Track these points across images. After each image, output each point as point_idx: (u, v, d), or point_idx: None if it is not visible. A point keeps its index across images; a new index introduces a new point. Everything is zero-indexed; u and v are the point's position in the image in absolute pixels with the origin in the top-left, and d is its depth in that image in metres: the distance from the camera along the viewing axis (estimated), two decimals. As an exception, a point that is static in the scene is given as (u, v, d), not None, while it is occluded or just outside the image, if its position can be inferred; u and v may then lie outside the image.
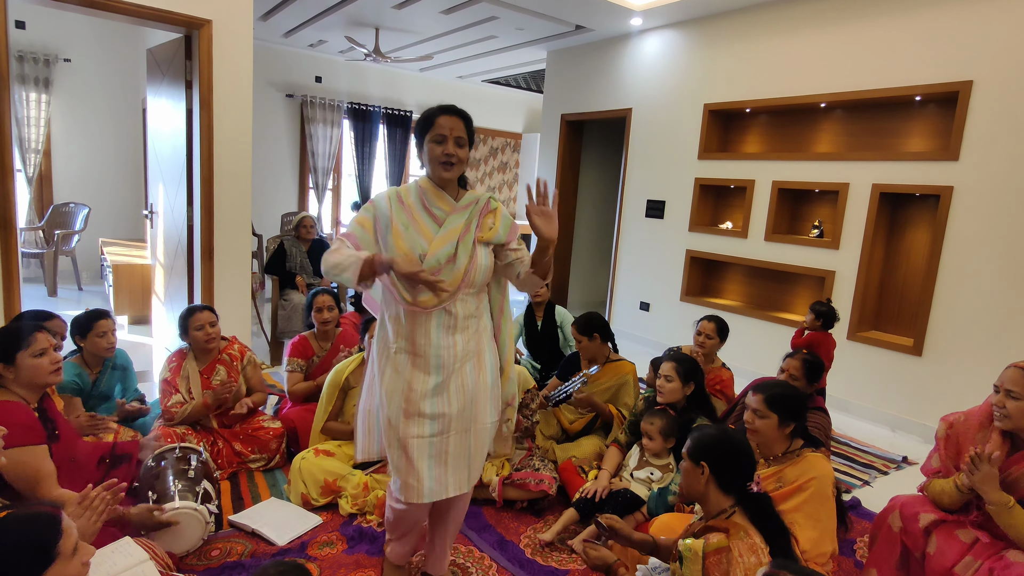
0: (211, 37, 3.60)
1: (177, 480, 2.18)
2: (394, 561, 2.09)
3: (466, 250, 1.79)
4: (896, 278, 4.21)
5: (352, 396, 2.82)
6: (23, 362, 1.91)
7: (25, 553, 1.14)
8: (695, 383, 2.60)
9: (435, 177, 1.82)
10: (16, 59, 6.12)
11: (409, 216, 1.80)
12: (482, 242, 1.83)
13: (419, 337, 1.80)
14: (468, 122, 1.82)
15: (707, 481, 1.66)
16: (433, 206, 1.82)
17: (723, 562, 1.54)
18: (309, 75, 7.73)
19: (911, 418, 3.95)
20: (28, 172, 6.34)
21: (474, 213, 1.83)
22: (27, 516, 1.18)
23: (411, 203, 1.82)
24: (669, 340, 5.25)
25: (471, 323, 1.85)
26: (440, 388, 1.81)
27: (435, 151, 1.77)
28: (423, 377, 1.81)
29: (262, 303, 5.37)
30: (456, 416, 1.84)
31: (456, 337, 1.82)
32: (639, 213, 5.74)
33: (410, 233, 1.78)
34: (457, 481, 1.88)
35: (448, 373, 1.82)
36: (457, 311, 1.81)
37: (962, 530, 1.86)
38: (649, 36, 5.56)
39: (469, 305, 1.83)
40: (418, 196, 1.83)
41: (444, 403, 1.82)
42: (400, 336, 1.82)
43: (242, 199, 3.90)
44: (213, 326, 2.84)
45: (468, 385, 1.85)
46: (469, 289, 1.82)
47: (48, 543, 1.16)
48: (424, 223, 1.80)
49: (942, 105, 3.90)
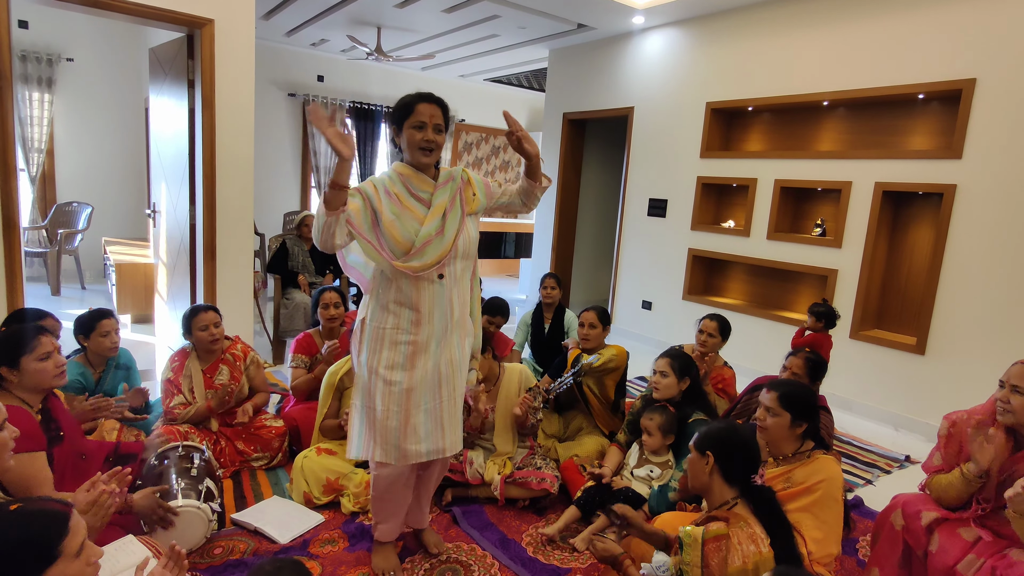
0: (213, 36, 3.61)
1: (180, 478, 2.18)
2: (383, 539, 2.18)
3: (454, 223, 1.92)
4: (899, 276, 4.20)
5: (348, 396, 2.81)
6: (28, 366, 1.92)
7: (27, 549, 1.12)
8: (690, 378, 2.61)
9: (414, 162, 1.94)
10: (19, 58, 6.14)
11: (398, 205, 1.90)
12: (469, 214, 1.97)
13: (423, 305, 1.91)
14: (445, 109, 1.94)
15: (711, 471, 1.70)
16: (418, 190, 1.94)
17: (721, 548, 1.57)
18: (311, 74, 7.74)
19: (914, 417, 3.94)
20: (31, 171, 6.36)
21: (454, 188, 1.96)
22: (36, 511, 1.16)
23: (397, 192, 1.92)
24: (671, 339, 5.25)
25: (463, 292, 2.00)
26: (439, 353, 1.96)
27: (415, 137, 1.88)
28: (423, 343, 1.93)
29: (264, 302, 5.39)
30: (445, 380, 1.99)
31: (453, 305, 1.96)
32: (641, 212, 5.74)
33: (403, 221, 1.89)
34: (452, 442, 2.04)
35: (447, 336, 1.96)
36: (451, 280, 1.94)
37: (965, 528, 1.86)
38: (651, 34, 5.55)
39: (461, 275, 1.98)
40: (402, 184, 1.93)
41: (441, 367, 1.97)
42: (403, 305, 1.92)
43: (244, 198, 3.91)
44: (217, 326, 2.85)
45: (455, 353, 2.01)
46: (463, 261, 1.97)
47: (52, 541, 1.14)
48: (414, 208, 1.92)
49: (945, 103, 3.89)
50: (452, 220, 1.91)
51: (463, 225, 1.93)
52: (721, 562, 1.56)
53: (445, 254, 1.88)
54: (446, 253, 1.88)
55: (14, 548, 1.10)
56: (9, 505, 1.15)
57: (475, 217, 2.01)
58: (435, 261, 1.87)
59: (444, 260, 1.89)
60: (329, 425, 2.81)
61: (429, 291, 1.91)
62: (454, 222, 1.91)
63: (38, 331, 2.00)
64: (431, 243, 1.87)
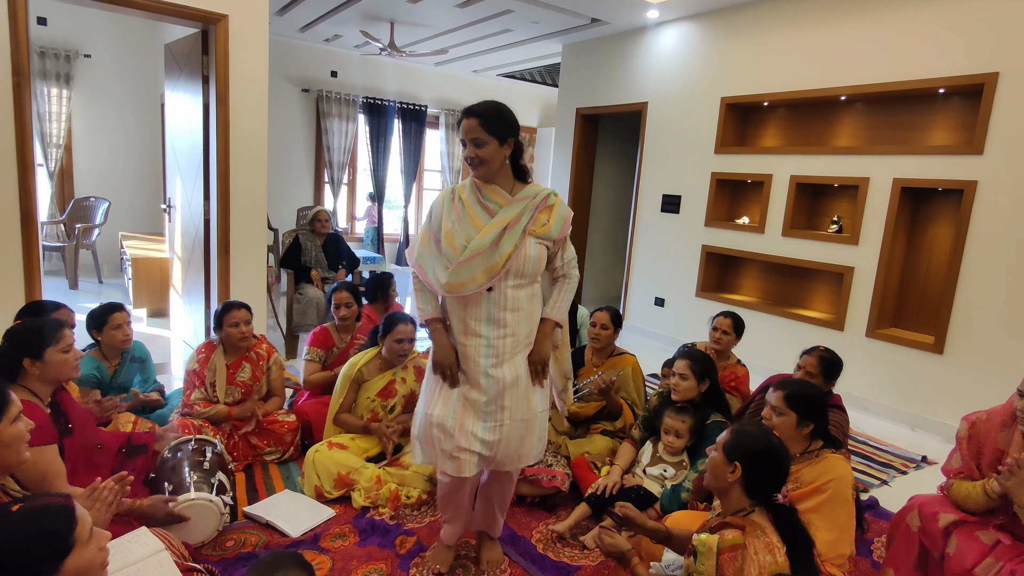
0: (228, 32, 3.62)
1: (193, 471, 2.20)
2: (445, 541, 2.17)
3: (512, 239, 1.85)
4: (917, 274, 4.13)
5: (365, 389, 2.83)
6: (51, 357, 1.94)
7: (44, 544, 1.14)
8: (710, 380, 2.58)
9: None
10: (38, 55, 6.21)
11: (462, 212, 1.91)
12: (534, 235, 1.89)
13: (470, 323, 1.90)
14: (484, 118, 1.84)
15: (735, 481, 1.63)
16: (487, 200, 1.91)
17: (737, 559, 1.52)
18: (325, 70, 7.76)
19: (931, 417, 3.88)
20: (49, 167, 6.44)
21: (528, 207, 1.89)
22: (40, 507, 1.19)
23: (466, 198, 1.92)
24: (684, 336, 5.21)
25: (520, 315, 1.92)
26: (493, 371, 1.90)
27: (464, 154, 1.89)
28: (476, 361, 1.90)
29: (277, 297, 5.42)
30: (508, 397, 1.92)
31: (505, 328, 1.90)
32: (655, 208, 5.70)
33: (462, 227, 1.89)
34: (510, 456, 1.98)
35: (500, 361, 1.90)
36: (503, 300, 1.88)
37: (983, 531, 1.82)
38: (665, 29, 5.50)
39: (518, 296, 1.90)
40: (472, 192, 1.93)
41: (501, 382, 1.90)
42: (455, 312, 1.94)
43: (258, 193, 3.93)
44: (248, 324, 2.89)
45: (519, 370, 1.94)
46: (517, 280, 1.89)
47: (64, 531, 1.16)
48: (477, 216, 1.90)
49: (966, 98, 3.81)
50: (510, 236, 1.84)
51: (522, 243, 1.85)
52: (736, 572, 1.51)
53: (494, 270, 1.83)
54: (496, 269, 1.83)
55: (31, 545, 1.12)
56: (11, 507, 1.17)
57: (540, 241, 1.91)
58: (483, 278, 1.83)
59: (494, 277, 1.84)
60: (345, 420, 2.82)
61: (476, 302, 1.88)
62: (512, 238, 1.84)
63: (60, 323, 2.03)
64: (482, 255, 1.82)
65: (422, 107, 8.44)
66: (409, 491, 2.62)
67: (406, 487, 2.64)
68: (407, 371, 2.88)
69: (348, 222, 8.52)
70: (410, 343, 2.82)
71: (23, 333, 1.96)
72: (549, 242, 1.94)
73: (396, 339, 2.78)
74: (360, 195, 8.55)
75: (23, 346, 1.92)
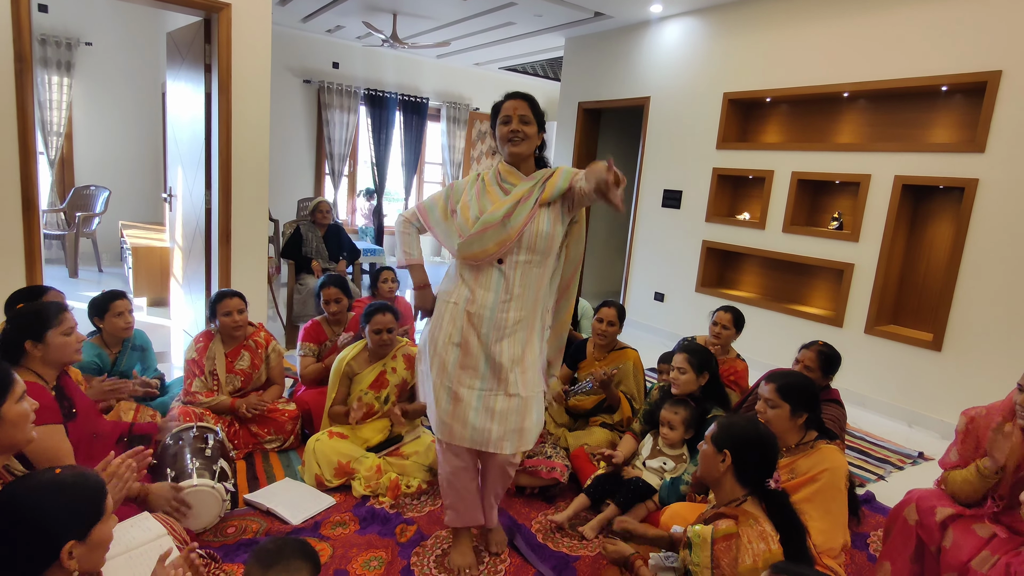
0: (230, 21, 3.61)
1: (195, 458, 2.21)
2: (449, 524, 2.19)
3: (524, 211, 1.90)
4: (917, 272, 4.14)
5: (357, 382, 2.82)
6: (53, 340, 1.94)
7: (86, 506, 1.22)
8: (709, 373, 2.59)
9: (505, 155, 2.00)
10: (39, 42, 6.19)
11: (481, 188, 2.00)
12: (545, 203, 1.92)
13: (478, 294, 1.95)
14: (533, 103, 1.98)
15: (726, 470, 1.65)
16: (505, 181, 2.00)
17: (732, 548, 1.54)
18: (326, 61, 7.74)
19: (929, 414, 3.90)
20: (50, 155, 6.42)
21: (539, 183, 1.95)
22: (81, 473, 1.26)
23: (487, 180, 2.03)
24: (683, 331, 5.22)
25: (527, 292, 1.96)
26: (497, 342, 1.94)
27: (503, 131, 1.96)
28: (476, 335, 1.95)
29: (278, 287, 5.42)
30: (504, 373, 1.95)
31: (513, 296, 1.94)
32: (655, 203, 5.70)
33: (478, 201, 1.97)
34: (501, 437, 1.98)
35: (500, 335, 1.94)
36: (513, 274, 1.93)
37: (979, 524, 1.84)
38: (669, 23, 5.49)
39: (528, 272, 1.95)
40: (494, 175, 2.03)
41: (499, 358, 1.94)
42: (462, 280, 1.99)
43: (259, 183, 3.93)
44: (241, 312, 2.89)
45: (517, 350, 1.97)
46: (529, 255, 1.93)
47: (101, 498, 1.25)
48: (495, 193, 1.98)
49: (969, 95, 3.82)
50: (522, 209, 1.90)
51: (532, 215, 1.90)
52: (732, 562, 1.53)
53: (507, 242, 1.89)
54: (508, 241, 1.89)
55: (77, 504, 1.20)
56: (54, 470, 1.24)
57: (553, 210, 1.94)
58: (495, 248, 1.90)
59: (505, 248, 1.90)
60: (337, 411, 2.83)
61: (486, 274, 1.94)
62: (523, 211, 1.90)
63: (61, 306, 2.03)
64: (493, 229, 1.89)
65: (423, 100, 8.42)
66: (409, 480, 2.64)
67: (406, 476, 2.65)
68: (396, 360, 2.85)
69: (348, 214, 8.51)
70: (388, 333, 2.76)
71: (24, 315, 1.97)
72: (564, 209, 1.97)
73: (374, 330, 2.75)
74: (361, 187, 8.52)
75: (25, 328, 1.92)
